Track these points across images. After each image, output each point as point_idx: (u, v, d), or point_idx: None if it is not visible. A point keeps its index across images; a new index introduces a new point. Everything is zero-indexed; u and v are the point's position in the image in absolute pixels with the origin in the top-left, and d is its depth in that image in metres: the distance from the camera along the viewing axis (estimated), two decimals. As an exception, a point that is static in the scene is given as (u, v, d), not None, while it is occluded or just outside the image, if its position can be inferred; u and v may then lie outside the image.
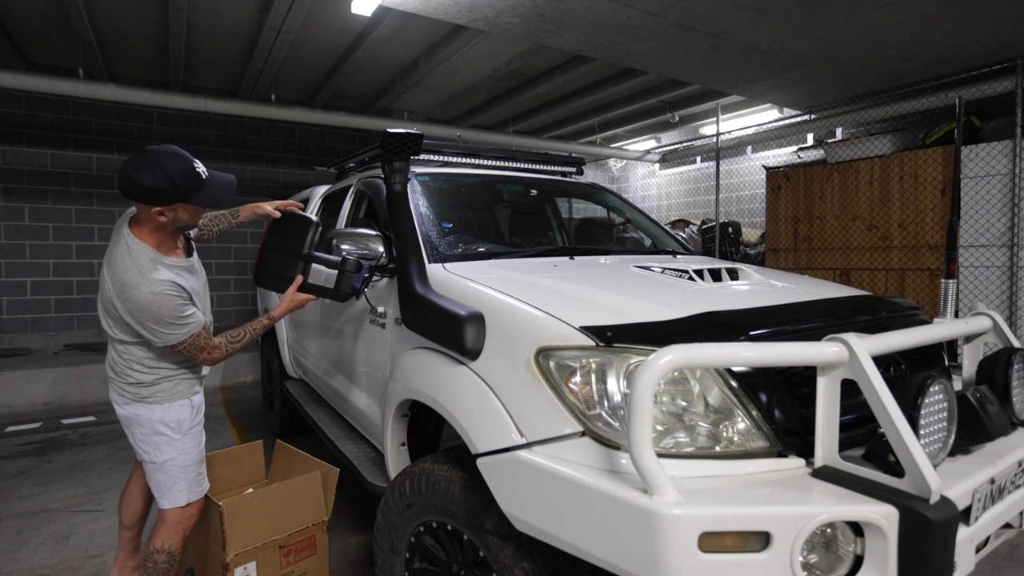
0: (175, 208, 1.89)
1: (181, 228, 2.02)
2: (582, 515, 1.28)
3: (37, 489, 3.64)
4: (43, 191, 7.05)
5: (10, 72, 5.54)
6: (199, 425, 2.16)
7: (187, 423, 2.09)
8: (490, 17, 4.14)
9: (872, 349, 1.32)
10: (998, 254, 4.88)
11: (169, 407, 2.05)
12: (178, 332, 1.92)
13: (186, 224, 1.99)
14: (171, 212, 1.89)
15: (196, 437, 2.13)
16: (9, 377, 5.61)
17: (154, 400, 2.03)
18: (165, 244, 1.98)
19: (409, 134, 2.26)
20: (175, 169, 1.82)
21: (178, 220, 1.93)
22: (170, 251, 2.01)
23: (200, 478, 2.16)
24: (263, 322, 2.18)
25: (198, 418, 2.15)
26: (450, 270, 2.14)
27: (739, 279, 2.17)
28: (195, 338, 1.96)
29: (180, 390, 2.08)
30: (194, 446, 2.12)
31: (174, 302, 1.89)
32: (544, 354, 1.50)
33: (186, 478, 2.09)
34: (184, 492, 2.10)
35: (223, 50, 6.30)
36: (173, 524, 2.10)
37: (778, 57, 4.89)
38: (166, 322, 1.89)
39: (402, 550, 1.91)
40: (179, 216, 1.92)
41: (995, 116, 5.47)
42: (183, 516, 2.12)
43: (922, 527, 1.14)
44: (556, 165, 3.56)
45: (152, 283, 1.87)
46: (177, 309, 1.90)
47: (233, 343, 2.08)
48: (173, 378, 2.06)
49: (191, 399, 2.12)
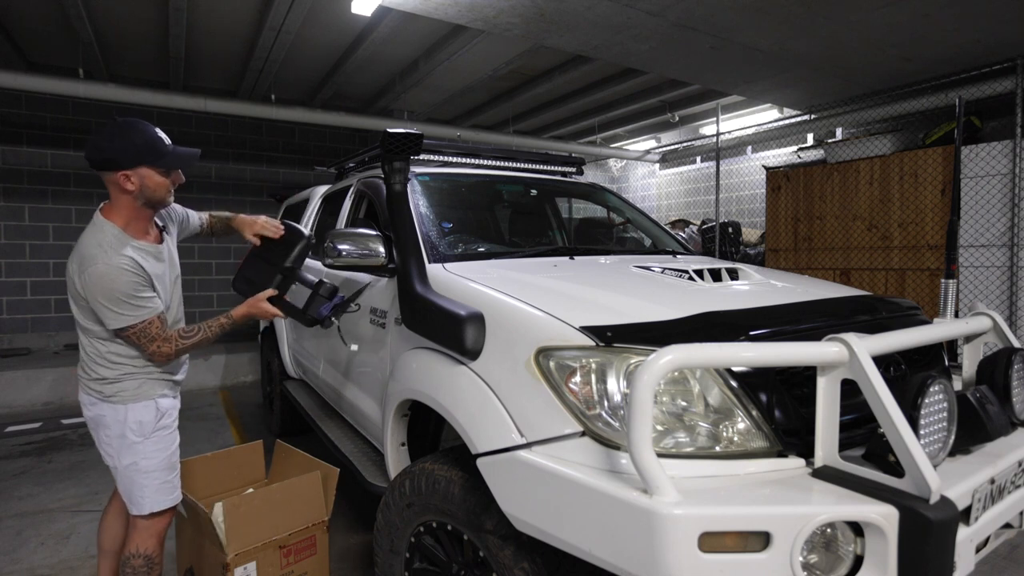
0: (139, 173, 1.85)
1: (152, 203, 1.94)
2: (582, 515, 1.28)
3: (37, 489, 3.64)
4: (43, 191, 7.05)
5: (10, 72, 5.54)
6: (165, 430, 2.03)
7: (149, 426, 1.98)
8: (490, 17, 4.14)
9: (872, 349, 1.31)
10: (998, 254, 4.88)
11: (132, 407, 1.96)
12: (129, 314, 1.83)
13: (154, 195, 1.91)
14: (137, 178, 1.85)
15: (161, 442, 2.01)
16: (9, 377, 5.61)
17: (117, 399, 1.95)
18: (133, 225, 1.93)
19: (409, 134, 2.26)
20: (136, 132, 1.86)
21: (146, 189, 1.88)
22: (138, 233, 1.95)
23: (167, 486, 2.03)
24: (220, 321, 2.03)
25: (164, 422, 2.02)
26: (450, 270, 2.14)
27: (739, 279, 2.17)
28: (147, 325, 1.86)
29: (145, 390, 1.98)
30: (158, 451, 2.00)
31: (129, 279, 1.82)
32: (544, 354, 1.50)
33: (150, 484, 1.98)
34: (149, 499, 1.99)
35: (223, 50, 6.30)
36: (144, 528, 2.02)
37: (778, 57, 4.89)
38: (118, 300, 1.81)
39: (402, 550, 1.91)
40: (146, 183, 1.87)
41: (995, 116, 5.47)
42: (154, 521, 2.03)
43: (922, 527, 1.14)
44: (556, 165, 3.56)
45: (110, 256, 1.82)
46: (132, 287, 1.82)
47: (185, 338, 1.95)
48: (138, 376, 1.97)
49: (157, 401, 2.00)
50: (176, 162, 1.92)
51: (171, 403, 2.08)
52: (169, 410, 2.06)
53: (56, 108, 7.02)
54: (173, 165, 1.92)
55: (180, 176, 1.99)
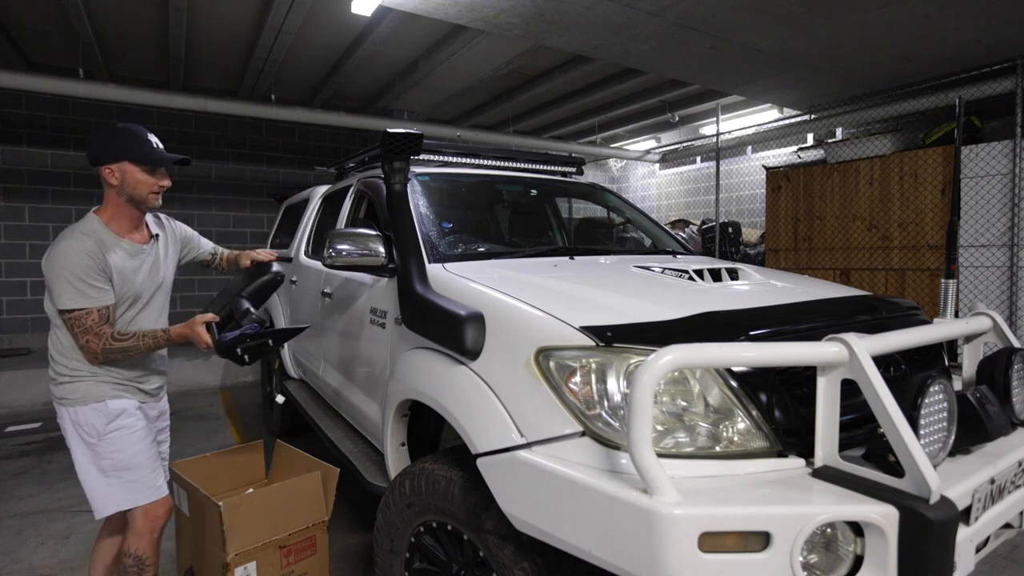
0: (122, 167, 1.92)
1: (134, 200, 1.97)
2: (582, 515, 1.28)
3: (37, 489, 3.64)
4: (43, 191, 7.05)
5: (10, 72, 5.55)
6: (124, 431, 1.98)
7: (100, 427, 1.94)
8: (490, 17, 4.14)
9: (872, 349, 1.31)
10: (998, 254, 4.88)
11: (81, 410, 1.94)
12: (72, 297, 1.82)
13: (135, 192, 1.95)
14: (119, 171, 1.92)
15: (118, 443, 1.96)
16: (9, 377, 5.61)
17: (68, 402, 1.94)
18: (116, 221, 1.98)
19: (409, 134, 2.26)
20: (125, 132, 1.96)
21: (127, 184, 1.93)
22: (121, 230, 1.99)
23: (135, 485, 1.98)
24: (157, 334, 1.94)
25: (120, 422, 1.97)
26: (450, 270, 2.14)
27: (739, 279, 2.17)
28: (84, 314, 1.84)
29: (93, 393, 1.95)
30: (116, 451, 1.95)
31: (84, 261, 1.83)
32: (544, 354, 1.50)
33: (111, 483, 1.95)
34: (111, 499, 1.96)
35: (223, 50, 6.30)
36: (134, 529, 2.01)
37: (778, 57, 4.89)
38: (66, 279, 1.81)
39: (402, 550, 1.91)
40: (127, 178, 1.93)
41: (995, 116, 5.47)
42: (145, 520, 2.01)
43: (922, 527, 1.14)
44: (556, 165, 3.56)
45: (76, 238, 1.86)
46: (83, 270, 1.82)
47: (117, 340, 1.88)
48: (87, 379, 1.95)
49: (107, 403, 1.96)
50: (154, 160, 1.97)
51: (127, 404, 2.01)
52: (126, 411, 2.00)
53: (56, 108, 7.03)
54: (151, 162, 1.96)
55: (164, 176, 2.02)
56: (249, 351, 1.97)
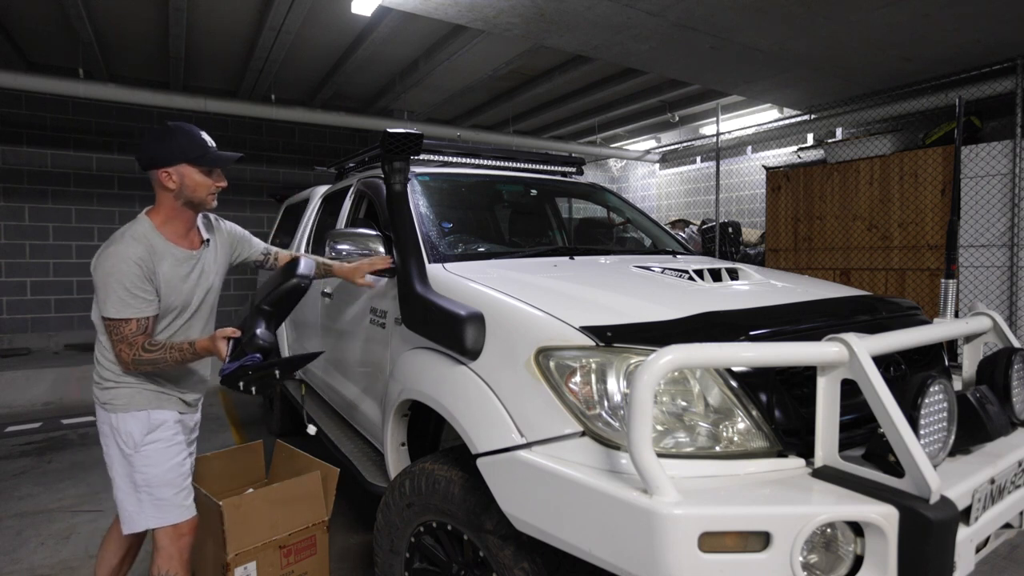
0: (179, 170, 1.87)
1: (192, 202, 1.92)
2: (582, 515, 1.28)
3: (37, 489, 3.64)
4: (43, 191, 7.05)
5: (10, 72, 5.55)
6: (160, 444, 1.93)
7: (138, 438, 1.90)
8: (490, 17, 4.14)
9: (872, 349, 1.31)
10: (998, 254, 4.88)
11: (122, 417, 1.89)
12: (115, 306, 1.78)
13: (194, 194, 1.90)
14: (177, 174, 1.87)
15: (153, 457, 1.91)
16: (9, 377, 5.61)
17: (110, 407, 1.90)
18: (170, 225, 1.92)
19: (409, 134, 2.26)
20: (180, 133, 1.90)
21: (186, 187, 1.88)
22: (173, 235, 1.93)
23: (165, 504, 1.91)
24: (183, 346, 1.86)
25: (158, 435, 1.93)
26: (450, 270, 2.14)
27: (739, 279, 2.17)
28: (123, 323, 1.79)
29: (136, 401, 1.91)
30: (150, 466, 1.90)
31: (131, 270, 1.77)
32: (544, 354, 1.50)
33: (140, 500, 1.90)
34: (140, 516, 1.91)
35: (223, 50, 6.30)
36: (163, 548, 1.94)
37: (778, 57, 4.89)
38: (111, 285, 1.77)
39: (402, 550, 1.91)
40: (186, 181, 1.87)
41: (995, 116, 5.47)
42: (173, 539, 1.94)
43: (922, 527, 1.14)
44: (556, 165, 3.56)
45: (128, 244, 1.81)
46: (131, 281, 1.77)
47: (147, 351, 1.82)
48: (132, 385, 1.91)
49: (150, 413, 1.92)
50: (214, 160, 1.92)
51: (168, 415, 1.97)
52: (165, 423, 1.96)
53: (56, 108, 7.03)
54: (211, 163, 1.92)
55: (221, 177, 1.97)
56: (254, 383, 1.81)
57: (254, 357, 1.81)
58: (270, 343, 1.89)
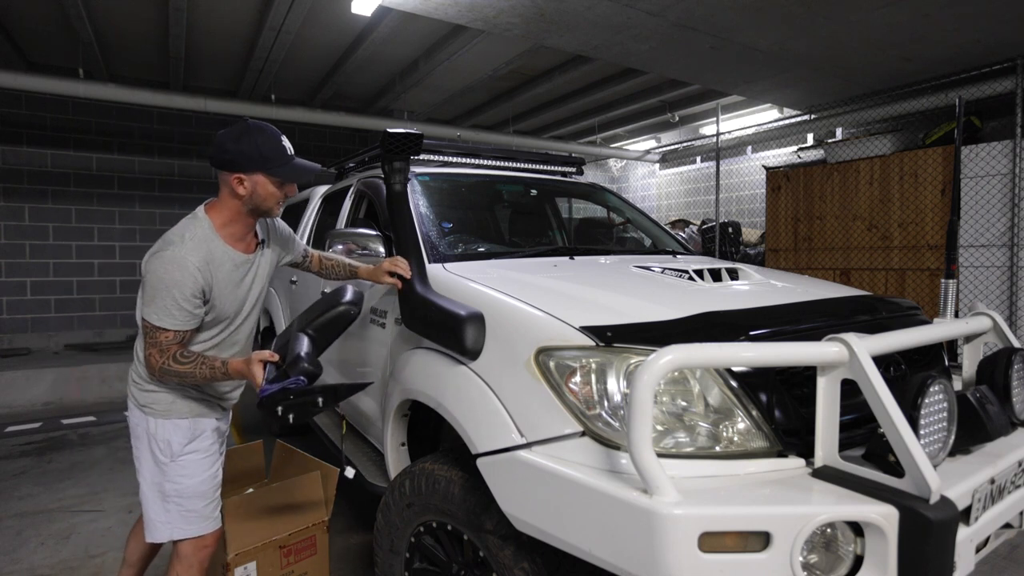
0: (255, 178, 1.76)
1: (258, 211, 1.83)
2: (582, 515, 1.28)
3: (37, 489, 3.64)
4: (43, 191, 7.05)
5: (10, 72, 5.55)
6: (198, 455, 1.87)
7: (178, 447, 1.84)
8: (490, 17, 4.14)
9: (872, 349, 1.31)
10: (998, 254, 4.88)
11: (162, 424, 1.83)
12: (158, 314, 1.67)
13: (263, 204, 1.81)
14: (251, 183, 1.76)
15: (189, 468, 1.85)
16: (9, 377, 5.61)
17: (148, 411, 1.83)
18: (230, 228, 1.82)
19: (409, 134, 2.26)
20: (263, 137, 1.78)
21: (256, 196, 1.78)
22: (231, 239, 1.83)
23: (193, 516, 1.86)
24: (216, 364, 1.73)
25: (197, 445, 1.87)
26: (450, 270, 2.14)
27: (739, 279, 2.17)
28: (161, 331, 1.68)
29: (178, 408, 1.85)
30: (185, 476, 1.84)
31: (186, 280, 1.67)
32: (544, 354, 1.50)
33: (171, 510, 1.84)
34: (166, 526, 1.84)
35: (223, 50, 6.30)
36: (183, 557, 1.88)
37: (778, 57, 4.89)
38: (160, 290, 1.66)
39: (402, 550, 1.91)
40: (258, 190, 1.77)
41: (995, 116, 5.47)
42: (193, 549, 1.88)
43: (922, 527, 1.14)
44: (556, 165, 3.56)
45: (188, 250, 1.69)
46: (181, 292, 1.67)
47: (177, 361, 1.71)
48: (175, 390, 1.84)
49: (192, 421, 1.86)
50: (293, 175, 1.82)
51: (209, 424, 1.92)
52: (205, 432, 1.90)
53: (56, 108, 7.03)
54: (290, 177, 1.82)
55: (294, 188, 1.88)
56: (293, 409, 1.61)
57: (299, 380, 1.63)
58: (316, 369, 1.72)
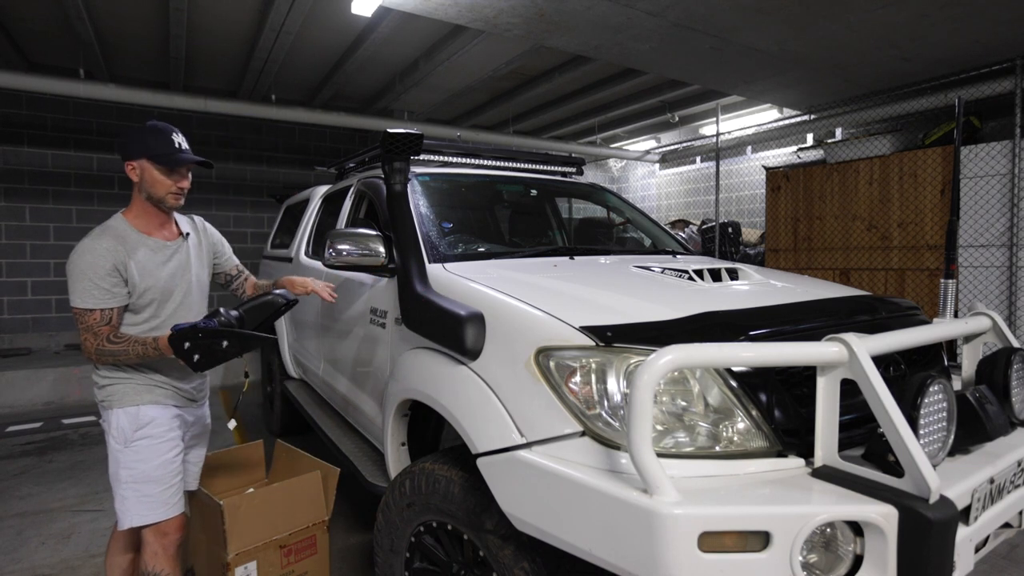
0: (141, 164, 1.93)
1: (153, 199, 1.96)
2: (582, 515, 1.29)
3: (38, 489, 3.64)
4: (44, 191, 7.05)
5: (10, 72, 5.55)
6: (151, 440, 1.94)
7: (128, 433, 1.91)
8: (490, 17, 4.14)
9: (872, 349, 1.32)
10: (998, 254, 4.88)
11: (117, 412, 1.93)
12: (80, 296, 1.83)
13: (153, 191, 1.95)
14: (140, 169, 1.94)
15: (142, 453, 1.92)
16: (10, 377, 5.61)
17: (106, 404, 1.95)
18: (142, 219, 1.99)
19: (409, 134, 2.26)
20: (150, 131, 1.96)
21: (145, 182, 1.94)
22: (147, 228, 2.00)
23: (149, 501, 1.92)
24: (147, 340, 1.83)
25: (148, 431, 1.93)
26: (450, 270, 2.15)
27: (739, 279, 2.17)
28: (88, 313, 1.83)
29: (130, 397, 1.93)
30: (140, 461, 1.91)
31: (98, 263, 1.83)
32: (544, 354, 1.50)
33: (129, 496, 1.91)
34: (126, 513, 1.91)
35: (223, 50, 6.30)
36: (149, 545, 1.96)
37: (778, 57, 4.89)
38: (78, 275, 1.84)
39: (402, 550, 1.91)
40: (146, 176, 1.93)
41: (995, 116, 5.48)
42: (157, 536, 1.96)
43: (922, 527, 1.15)
44: (556, 165, 3.56)
45: (98, 237, 1.89)
46: (95, 272, 1.83)
47: (111, 342, 1.83)
48: (126, 381, 1.94)
49: (140, 408, 1.93)
50: (171, 161, 1.95)
51: (159, 412, 1.97)
52: (155, 420, 1.96)
53: (56, 108, 7.02)
54: (167, 163, 1.95)
55: (183, 178, 2.01)
56: (200, 351, 1.72)
57: (209, 322, 1.76)
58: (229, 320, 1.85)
